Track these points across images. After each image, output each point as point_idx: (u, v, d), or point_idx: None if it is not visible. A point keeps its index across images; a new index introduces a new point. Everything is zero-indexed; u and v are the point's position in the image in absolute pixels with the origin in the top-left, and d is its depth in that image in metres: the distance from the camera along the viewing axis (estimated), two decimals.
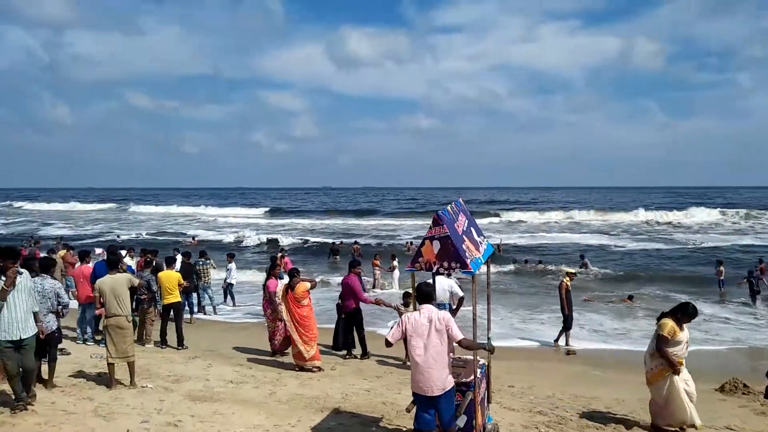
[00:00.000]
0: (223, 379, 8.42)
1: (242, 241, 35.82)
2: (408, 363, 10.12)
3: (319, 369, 9.41)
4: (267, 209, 72.37)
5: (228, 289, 16.42)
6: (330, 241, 34.79)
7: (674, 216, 52.69)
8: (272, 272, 10.96)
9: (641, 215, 53.81)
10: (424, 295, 5.49)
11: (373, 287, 19.72)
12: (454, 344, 5.39)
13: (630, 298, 17.63)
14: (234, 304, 16.37)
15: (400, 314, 10.15)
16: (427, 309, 5.39)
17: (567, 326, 12.50)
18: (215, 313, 15.21)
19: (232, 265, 16.50)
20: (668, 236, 39.39)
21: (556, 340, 12.64)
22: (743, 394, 8.62)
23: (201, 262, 15.05)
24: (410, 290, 12.66)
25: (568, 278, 12.68)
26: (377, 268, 20.36)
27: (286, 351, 10.24)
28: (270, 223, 54.32)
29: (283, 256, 17.45)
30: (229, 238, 37.60)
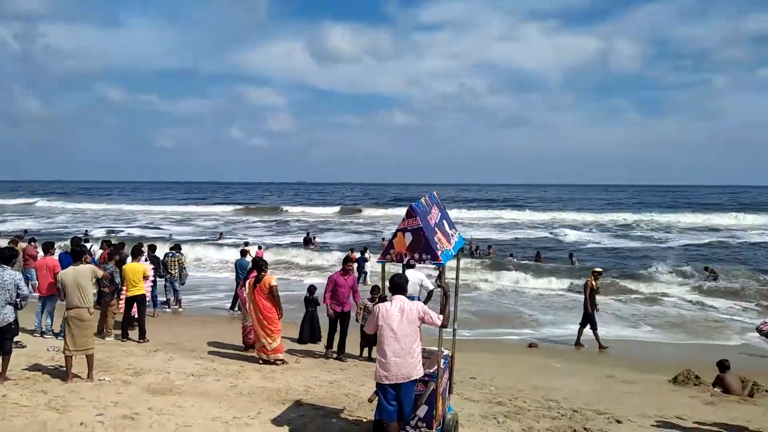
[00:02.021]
0: (184, 372, 8.34)
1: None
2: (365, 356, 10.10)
3: (283, 362, 9.38)
4: (239, 207, 67.73)
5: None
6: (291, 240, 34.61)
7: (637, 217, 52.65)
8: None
9: (606, 217, 53.81)
10: (396, 285, 5.56)
11: None
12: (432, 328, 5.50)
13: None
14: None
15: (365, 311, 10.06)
16: (399, 299, 5.47)
17: (592, 326, 12.11)
18: (180, 307, 15.01)
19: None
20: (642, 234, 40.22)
21: (577, 343, 12.34)
22: (695, 385, 8.90)
23: (171, 254, 14.79)
24: (378, 285, 12.54)
25: (593, 277, 12.50)
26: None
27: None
28: (248, 220, 53.67)
29: (259, 248, 17.36)
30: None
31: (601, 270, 13.43)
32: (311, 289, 11.99)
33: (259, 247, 21.13)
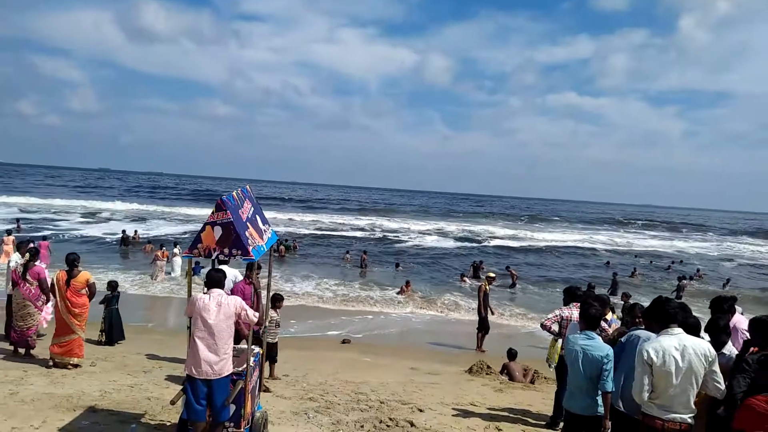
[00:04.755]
0: None
1: None
2: None
3: (76, 366, 8.47)
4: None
5: None
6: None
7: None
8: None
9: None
10: (212, 280, 5.37)
11: (153, 278, 18.55)
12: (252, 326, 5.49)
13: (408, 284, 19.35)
14: None
15: None
16: (217, 293, 5.29)
17: (485, 328, 12.41)
18: None
19: None
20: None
21: (478, 347, 12.46)
22: (486, 374, 9.86)
23: None
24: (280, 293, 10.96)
25: (486, 282, 12.81)
26: (158, 259, 19.07)
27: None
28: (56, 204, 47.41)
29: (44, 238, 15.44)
30: None
31: (494, 276, 13.79)
32: (112, 284, 11.07)
33: (44, 238, 18.60)
